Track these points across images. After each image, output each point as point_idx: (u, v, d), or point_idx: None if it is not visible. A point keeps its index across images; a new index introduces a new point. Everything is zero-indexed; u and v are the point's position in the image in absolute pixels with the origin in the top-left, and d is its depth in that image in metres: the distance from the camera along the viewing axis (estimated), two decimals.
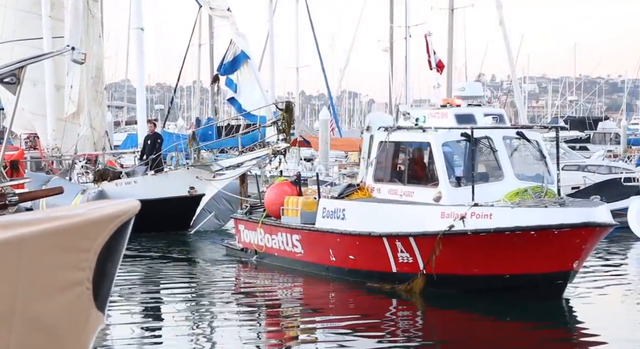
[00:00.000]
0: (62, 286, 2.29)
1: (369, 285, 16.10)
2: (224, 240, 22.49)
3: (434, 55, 17.35)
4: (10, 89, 7.83)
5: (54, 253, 2.25)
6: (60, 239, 2.26)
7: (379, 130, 17.03)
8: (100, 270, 2.34)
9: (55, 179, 24.39)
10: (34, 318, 2.25)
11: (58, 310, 2.29)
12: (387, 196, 16.51)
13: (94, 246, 2.30)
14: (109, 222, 2.33)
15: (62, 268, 2.28)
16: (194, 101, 50.85)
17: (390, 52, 46.80)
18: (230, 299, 16.31)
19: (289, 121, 21.30)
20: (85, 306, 2.34)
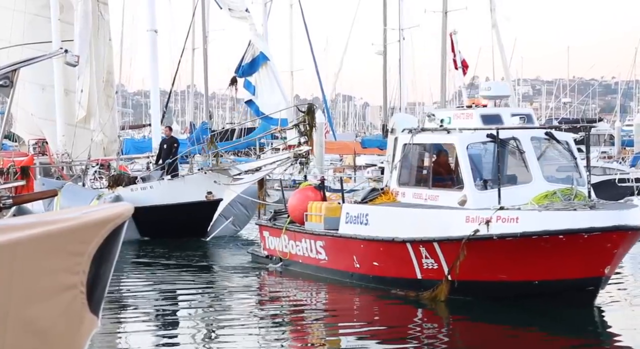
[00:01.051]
0: (56, 289, 2.30)
1: (393, 292, 15.60)
2: (249, 247, 22.19)
3: (459, 55, 16.81)
4: (3, 92, 7.61)
5: (47, 257, 2.26)
6: (54, 243, 2.27)
7: (403, 132, 16.58)
8: (94, 274, 2.36)
9: (69, 185, 24.18)
10: (27, 322, 2.25)
11: (52, 314, 2.29)
12: (411, 200, 16.04)
13: (87, 249, 2.32)
14: (103, 226, 2.35)
15: (56, 272, 2.29)
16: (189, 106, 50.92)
17: (384, 55, 46.85)
18: (254, 307, 16.10)
19: (311, 124, 20.82)
20: (79, 310, 2.35)
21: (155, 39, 27.19)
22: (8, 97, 7.68)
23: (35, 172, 26.16)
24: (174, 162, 24.41)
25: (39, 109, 28.29)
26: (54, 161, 26.87)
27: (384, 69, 46.90)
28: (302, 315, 15.08)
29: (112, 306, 16.01)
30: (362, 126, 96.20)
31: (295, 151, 21.38)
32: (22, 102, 27.99)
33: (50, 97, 27.36)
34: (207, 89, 41.05)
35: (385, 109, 48.35)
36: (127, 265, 21.13)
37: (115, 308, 15.84)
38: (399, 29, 46.63)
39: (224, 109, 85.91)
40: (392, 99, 51.56)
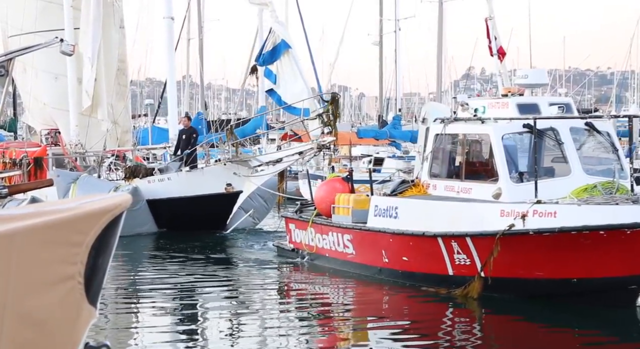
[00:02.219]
0: (54, 280, 2.31)
1: (423, 289, 15.05)
2: (271, 240, 21.86)
3: (494, 41, 16.17)
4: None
5: (45, 248, 2.28)
6: (51, 234, 2.29)
7: (435, 122, 16.02)
8: (92, 264, 2.37)
9: (85, 176, 23.76)
10: (25, 312, 2.27)
11: (50, 304, 2.30)
12: (443, 192, 15.50)
13: (85, 240, 2.33)
14: (101, 217, 2.36)
15: (53, 262, 2.30)
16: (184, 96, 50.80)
17: (380, 45, 47.03)
18: (279, 302, 15.81)
19: (335, 114, 20.24)
20: (77, 300, 2.37)
21: (172, 27, 26.78)
22: (3, 87, 7.99)
23: (49, 163, 25.67)
24: (193, 153, 23.90)
25: (51, 98, 27.87)
26: (67, 152, 26.36)
27: (380, 59, 47.15)
28: (328, 311, 14.77)
29: (129, 301, 15.79)
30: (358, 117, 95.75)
31: (319, 142, 20.83)
32: (35, 91, 27.62)
33: (63, 87, 27.04)
34: (203, 79, 40.80)
35: (381, 100, 48.31)
36: (144, 259, 20.82)
37: (133, 303, 15.63)
38: (394, 20, 46.68)
39: (220, 100, 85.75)
40: (388, 89, 51.91)
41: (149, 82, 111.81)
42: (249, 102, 77.51)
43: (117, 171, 25.01)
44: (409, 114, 69.87)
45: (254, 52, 34.80)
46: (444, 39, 34.79)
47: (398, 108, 47.78)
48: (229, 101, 75.69)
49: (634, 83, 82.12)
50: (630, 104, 74.65)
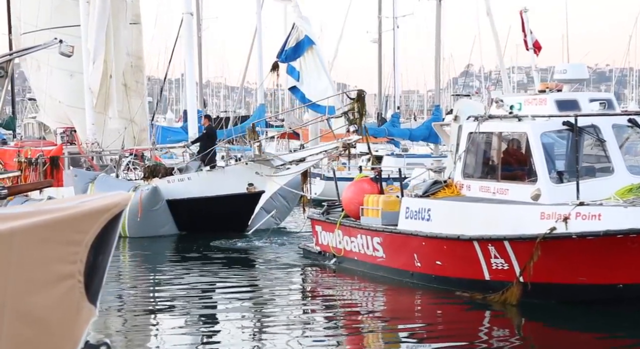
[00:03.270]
0: (54, 279, 2.34)
1: (458, 294, 14.55)
2: (294, 241, 21.44)
3: (530, 35, 15.61)
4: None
5: (45, 246, 2.31)
6: (51, 233, 2.32)
7: (468, 119, 15.55)
8: (92, 263, 2.40)
9: (102, 176, 23.34)
10: (25, 311, 2.30)
11: (50, 303, 2.33)
12: (478, 193, 15.01)
13: (85, 239, 2.37)
14: (100, 216, 2.38)
15: (53, 261, 2.33)
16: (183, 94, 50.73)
17: (379, 43, 47.02)
18: (305, 306, 15.49)
19: (361, 111, 19.73)
20: (76, 299, 2.40)
21: (191, 22, 26.10)
22: (2, 87, 7.78)
23: (65, 162, 25.23)
24: (211, 153, 23.44)
25: (67, 96, 27.42)
26: (84, 151, 25.90)
27: (379, 57, 47.13)
28: (357, 316, 14.34)
29: (148, 304, 15.49)
30: None
31: (345, 140, 20.33)
32: (50, 89, 27.18)
33: (78, 84, 26.59)
34: (202, 77, 40.43)
35: (380, 97, 48.11)
36: (164, 260, 20.49)
37: (152, 306, 15.30)
38: (393, 17, 46.82)
39: (218, 97, 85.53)
40: (386, 87, 52.06)
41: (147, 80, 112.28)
42: (247, 100, 77.17)
43: (136, 171, 24.54)
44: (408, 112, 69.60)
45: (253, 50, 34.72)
46: (442, 36, 34.90)
47: (397, 106, 47.85)
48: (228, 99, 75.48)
49: (632, 80, 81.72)
50: (628, 102, 74.16)
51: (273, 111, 71.86)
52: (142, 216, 22.13)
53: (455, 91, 73.41)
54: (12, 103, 44.74)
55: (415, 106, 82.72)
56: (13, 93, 44.19)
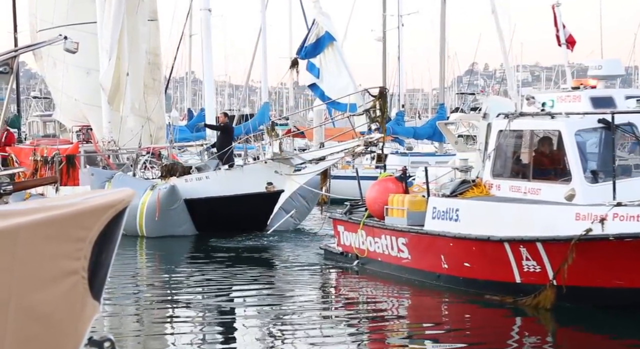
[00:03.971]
0: (58, 275, 2.34)
1: (487, 297, 14.09)
2: (315, 242, 21.00)
3: (563, 30, 15.12)
4: (3, 79, 7.91)
5: (49, 243, 2.31)
6: (55, 229, 2.32)
7: (498, 117, 15.04)
8: (96, 259, 2.41)
9: (119, 175, 22.93)
10: (29, 308, 2.30)
11: (54, 299, 2.34)
12: (508, 193, 14.52)
13: (89, 235, 2.36)
14: (104, 212, 2.38)
15: (57, 258, 2.33)
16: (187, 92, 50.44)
17: (383, 41, 47.08)
18: (327, 308, 15.09)
19: (383, 109, 19.26)
20: (80, 295, 2.40)
21: (209, 19, 25.61)
22: (7, 84, 7.69)
23: (81, 161, 24.82)
24: (229, 151, 22.98)
25: (83, 93, 26.99)
26: (100, 149, 25.46)
27: (384, 55, 47.07)
28: (381, 319, 13.89)
29: (165, 303, 15.11)
30: None
31: (366, 139, 19.87)
32: (66, 87, 26.76)
33: (95, 81, 26.13)
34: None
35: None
36: (181, 261, 20.09)
37: (169, 306, 14.92)
38: (398, 16, 46.73)
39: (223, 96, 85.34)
40: (391, 85, 51.74)
41: None
42: (252, 99, 76.87)
43: (153, 169, 24.11)
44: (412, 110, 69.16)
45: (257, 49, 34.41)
46: (446, 34, 34.71)
47: (401, 104, 47.38)
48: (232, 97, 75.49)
49: (637, 79, 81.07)
50: None
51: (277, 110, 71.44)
52: (160, 216, 21.74)
53: (459, 90, 73.29)
54: (17, 101, 44.74)
55: (420, 105, 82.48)
56: (18, 91, 44.03)
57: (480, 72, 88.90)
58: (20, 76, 47.98)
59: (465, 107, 55.42)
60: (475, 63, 75.94)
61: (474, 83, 72.18)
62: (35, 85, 72.19)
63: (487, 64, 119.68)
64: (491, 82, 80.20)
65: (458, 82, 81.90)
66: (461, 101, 64.43)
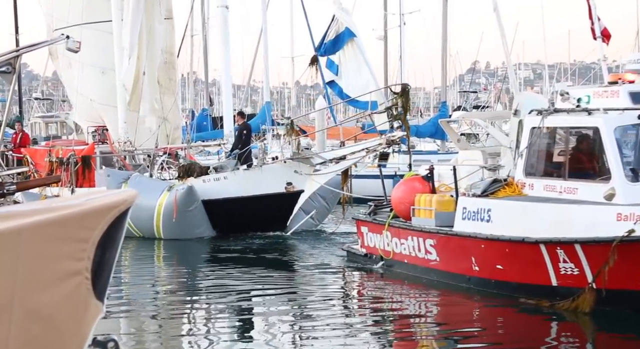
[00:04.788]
0: (61, 276, 2.34)
1: (522, 300, 13.40)
2: (336, 243, 20.34)
3: (598, 22, 14.43)
4: (5, 79, 7.71)
5: (52, 244, 2.31)
6: (58, 230, 2.32)
7: (531, 114, 14.36)
8: (99, 260, 2.40)
9: (136, 176, 22.29)
10: (33, 309, 2.30)
11: (57, 300, 2.34)
12: (542, 193, 13.86)
13: (92, 236, 2.36)
14: (107, 213, 2.38)
15: (60, 259, 2.34)
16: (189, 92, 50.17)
17: (385, 40, 46.67)
18: (352, 311, 14.40)
19: (406, 107, 18.59)
20: (84, 296, 2.39)
21: (226, 16, 24.93)
22: (10, 84, 7.61)
23: (97, 162, 24.18)
24: (246, 151, 22.30)
25: (98, 93, 26.28)
26: (116, 150, 24.80)
27: (385, 54, 46.71)
28: (408, 323, 13.29)
29: (183, 306, 14.61)
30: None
31: (388, 137, 19.20)
32: (81, 86, 26.08)
33: (110, 81, 25.47)
34: (207, 75, 39.59)
35: (386, 95, 47.25)
36: (199, 263, 19.52)
37: (187, 308, 14.45)
38: (399, 14, 46.08)
39: None
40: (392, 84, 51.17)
41: None
42: (254, 99, 76.33)
43: (170, 170, 23.45)
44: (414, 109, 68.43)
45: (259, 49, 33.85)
46: (448, 33, 34.20)
47: None
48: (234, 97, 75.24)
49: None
50: None
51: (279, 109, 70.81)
52: (177, 217, 21.13)
53: (461, 88, 72.79)
54: (20, 102, 44.59)
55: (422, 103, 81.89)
56: (20, 92, 43.75)
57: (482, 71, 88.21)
58: (22, 77, 47.64)
59: (467, 105, 54.92)
60: (477, 61, 75.56)
61: (475, 81, 71.72)
62: (37, 87, 71.91)
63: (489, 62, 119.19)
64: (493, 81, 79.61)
65: (460, 80, 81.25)
66: (463, 99, 63.94)
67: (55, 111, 57.04)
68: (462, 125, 28.71)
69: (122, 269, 19.09)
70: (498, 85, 60.04)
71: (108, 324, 12.94)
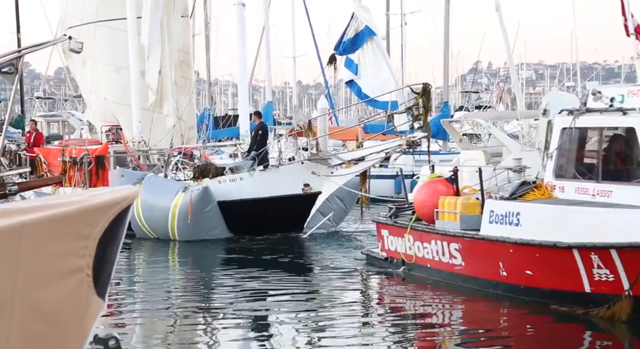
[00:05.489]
0: (63, 273, 2.31)
1: (553, 307, 12.72)
2: (354, 246, 19.74)
3: (631, 19, 13.73)
4: (7, 79, 7.60)
5: (54, 241, 2.29)
6: (60, 227, 2.29)
7: (561, 114, 13.64)
8: (100, 257, 2.37)
9: (150, 176, 21.62)
10: (34, 305, 2.27)
11: (59, 297, 2.31)
12: (573, 196, 13.19)
13: (93, 233, 2.34)
14: (108, 209, 2.35)
15: (62, 255, 2.30)
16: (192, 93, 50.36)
17: (387, 40, 46.03)
18: (372, 316, 13.83)
19: (427, 107, 17.90)
20: (85, 293, 2.36)
21: (243, 14, 24.21)
22: (12, 84, 7.52)
23: (111, 162, 23.51)
24: (263, 151, 21.59)
25: (112, 92, 25.56)
26: (130, 150, 24.11)
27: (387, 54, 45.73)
28: (432, 331, 12.58)
29: (198, 309, 14.07)
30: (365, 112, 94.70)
31: (409, 138, 18.49)
32: (95, 85, 25.39)
33: (125, 80, 24.77)
34: (210, 75, 39.08)
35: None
36: (214, 265, 18.94)
37: (202, 311, 13.89)
38: (401, 14, 46.04)
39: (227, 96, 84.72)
40: None
41: None
42: (255, 98, 75.82)
43: (185, 170, 22.75)
44: None
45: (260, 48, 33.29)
46: (450, 33, 33.72)
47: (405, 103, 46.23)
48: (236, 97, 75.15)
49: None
50: None
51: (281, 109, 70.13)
52: (192, 219, 20.46)
53: (463, 88, 72.13)
54: (22, 101, 44.42)
55: None
56: (22, 92, 43.54)
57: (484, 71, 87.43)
58: (24, 77, 47.39)
59: (469, 105, 54.14)
60: (479, 61, 75.05)
61: (477, 81, 71.10)
62: (39, 86, 71.59)
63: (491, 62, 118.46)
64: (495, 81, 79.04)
65: (462, 80, 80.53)
66: (465, 99, 63.16)
67: (57, 110, 56.70)
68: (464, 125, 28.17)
69: (136, 271, 18.56)
70: (500, 86, 59.54)
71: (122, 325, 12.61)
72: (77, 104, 53.43)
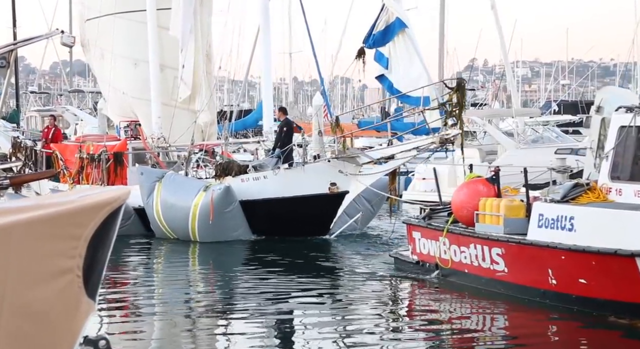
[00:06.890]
0: (53, 273, 2.25)
1: (611, 320, 11.33)
2: (384, 248, 18.53)
3: None
4: (0, 73, 7.47)
5: (44, 241, 2.23)
6: (50, 227, 2.24)
7: (617, 111, 12.21)
8: (91, 257, 2.30)
9: (171, 174, 20.24)
10: (24, 306, 2.21)
11: (48, 297, 2.25)
12: (632, 199, 11.90)
13: (84, 233, 2.27)
14: (99, 210, 2.29)
15: (52, 256, 2.24)
16: None
17: None
18: (402, 323, 12.62)
19: (461, 103, 16.51)
20: (75, 293, 2.30)
21: (267, 7, 22.81)
22: (4, 78, 7.42)
23: (129, 159, 22.09)
24: (288, 149, 20.15)
25: (131, 87, 24.10)
26: (149, 146, 22.67)
27: None
28: (471, 342, 11.26)
29: (219, 311, 13.17)
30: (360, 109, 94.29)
31: (442, 135, 17.10)
32: (113, 79, 23.96)
33: (144, 74, 23.34)
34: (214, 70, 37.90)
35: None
36: (237, 267, 17.72)
37: (224, 317, 12.87)
38: None
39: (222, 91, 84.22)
40: None
41: None
42: (251, 94, 74.60)
43: (206, 168, 21.30)
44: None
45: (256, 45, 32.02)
46: (445, 30, 32.34)
47: None
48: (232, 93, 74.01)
49: (636, 75, 78.93)
50: None
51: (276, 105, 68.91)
52: (214, 219, 19.04)
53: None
54: (16, 96, 43.35)
55: None
56: (17, 86, 42.57)
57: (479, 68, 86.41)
58: (19, 71, 46.45)
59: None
60: (474, 59, 74.17)
61: (473, 79, 70.04)
62: (33, 80, 70.50)
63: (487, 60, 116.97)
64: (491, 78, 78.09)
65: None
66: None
67: (51, 104, 55.57)
68: None
69: (156, 273, 17.36)
70: (496, 83, 58.56)
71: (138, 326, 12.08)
72: (72, 99, 52.17)
